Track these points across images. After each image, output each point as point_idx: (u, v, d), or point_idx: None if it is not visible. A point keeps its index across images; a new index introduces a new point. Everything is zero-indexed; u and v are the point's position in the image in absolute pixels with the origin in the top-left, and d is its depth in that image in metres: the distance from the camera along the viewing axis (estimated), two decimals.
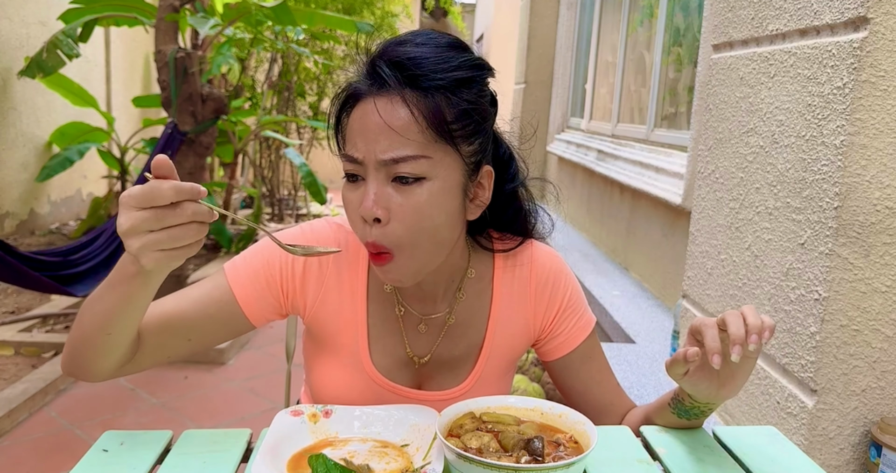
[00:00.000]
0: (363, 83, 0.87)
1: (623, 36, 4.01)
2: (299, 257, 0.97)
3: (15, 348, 3.33)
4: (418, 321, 1.01)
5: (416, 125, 0.83)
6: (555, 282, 1.04)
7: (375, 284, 1.01)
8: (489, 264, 1.04)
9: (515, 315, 1.03)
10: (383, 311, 1.01)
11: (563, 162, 4.97)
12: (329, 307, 0.99)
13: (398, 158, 0.83)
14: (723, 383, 0.86)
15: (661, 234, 2.94)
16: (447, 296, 1.01)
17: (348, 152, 0.86)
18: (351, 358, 1.00)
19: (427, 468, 0.79)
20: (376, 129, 0.83)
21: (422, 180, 0.84)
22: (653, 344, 2.40)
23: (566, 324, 1.04)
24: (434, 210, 0.85)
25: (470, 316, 1.02)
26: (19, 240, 5.11)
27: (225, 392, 3.05)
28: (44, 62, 3.70)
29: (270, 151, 7.16)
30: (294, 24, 3.77)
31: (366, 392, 1.00)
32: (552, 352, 1.06)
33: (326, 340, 1.01)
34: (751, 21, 1.67)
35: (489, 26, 10.33)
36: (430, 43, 0.87)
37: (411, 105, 0.83)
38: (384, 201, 0.84)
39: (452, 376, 1.02)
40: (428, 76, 0.84)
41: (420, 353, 1.01)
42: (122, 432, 0.92)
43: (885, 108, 1.26)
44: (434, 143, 0.84)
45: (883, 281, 1.32)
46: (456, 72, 0.85)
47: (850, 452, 1.38)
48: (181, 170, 3.44)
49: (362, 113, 0.85)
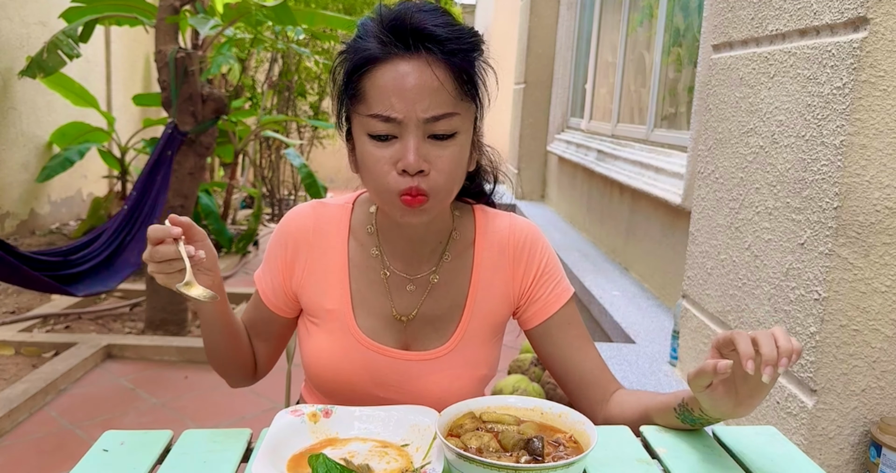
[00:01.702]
0: (381, 48, 0.92)
1: (623, 36, 4.01)
2: (289, 238, 1.08)
3: (15, 348, 3.33)
4: (405, 281, 1.07)
5: (450, 84, 0.92)
6: (531, 248, 1.10)
7: (358, 250, 1.08)
8: (471, 228, 1.11)
9: (496, 279, 1.09)
10: (368, 275, 1.07)
11: (563, 162, 4.97)
12: (314, 277, 1.07)
13: (438, 116, 0.91)
14: (741, 401, 0.84)
15: (660, 234, 2.94)
16: (432, 257, 1.08)
17: (383, 112, 0.91)
18: (338, 323, 1.05)
19: (427, 468, 0.79)
20: (416, 89, 0.90)
21: (454, 135, 0.94)
22: (653, 344, 2.40)
23: (544, 289, 1.09)
24: (463, 160, 0.97)
25: (453, 277, 1.08)
26: (20, 240, 5.11)
27: (225, 392, 3.05)
28: (44, 62, 3.70)
29: (271, 152, 7.17)
30: (294, 24, 3.77)
31: (353, 355, 1.04)
32: (532, 319, 1.09)
33: (315, 310, 1.07)
34: (750, 21, 1.67)
35: (489, 26, 10.33)
36: (436, 12, 0.95)
37: (443, 67, 0.91)
38: (425, 154, 0.92)
39: (437, 335, 1.07)
40: (452, 41, 0.92)
41: (405, 312, 1.06)
42: (123, 432, 0.92)
43: (884, 108, 1.26)
44: (461, 101, 0.94)
45: (882, 281, 1.32)
46: (470, 38, 0.95)
47: (850, 452, 1.38)
48: (181, 170, 3.44)
49: (395, 74, 0.91)
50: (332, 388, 1.06)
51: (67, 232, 5.51)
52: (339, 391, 1.05)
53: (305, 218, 1.09)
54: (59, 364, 3.09)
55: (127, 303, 4.01)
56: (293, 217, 1.10)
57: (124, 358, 3.37)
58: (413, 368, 1.05)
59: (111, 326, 3.75)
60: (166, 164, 3.33)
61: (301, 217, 1.09)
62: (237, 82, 6.29)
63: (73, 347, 3.31)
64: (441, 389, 1.04)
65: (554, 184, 5.39)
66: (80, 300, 3.87)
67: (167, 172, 3.33)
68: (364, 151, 0.95)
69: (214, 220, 5.32)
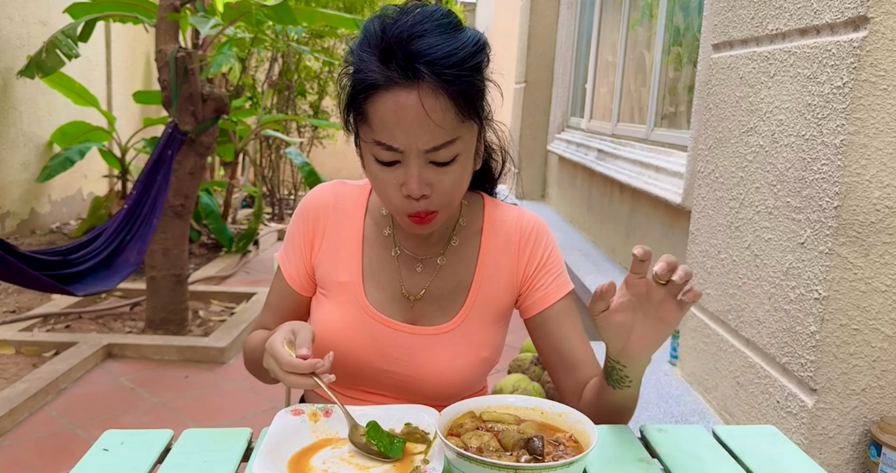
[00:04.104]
0: (384, 74, 0.91)
1: (623, 35, 4.01)
2: (310, 212, 1.13)
3: (16, 347, 3.33)
4: (414, 261, 1.12)
5: (451, 112, 0.92)
6: (537, 238, 1.13)
7: (372, 230, 1.13)
8: (479, 216, 1.15)
9: (501, 264, 1.12)
10: (380, 252, 1.12)
11: (564, 161, 4.97)
12: (331, 250, 1.12)
13: (438, 146, 0.93)
14: (633, 335, 0.86)
15: (661, 233, 2.94)
16: (441, 241, 1.12)
17: (385, 141, 0.93)
18: (348, 296, 1.10)
19: (427, 467, 0.79)
20: (416, 122, 0.91)
21: (456, 157, 0.96)
22: None
23: (545, 279, 1.12)
24: (465, 176, 1.00)
25: (460, 260, 1.12)
26: (20, 239, 5.11)
27: (225, 392, 3.05)
28: (42, 62, 3.69)
29: (271, 151, 7.16)
30: (295, 23, 3.77)
31: (360, 327, 1.08)
32: (532, 308, 1.12)
33: (327, 282, 1.12)
34: (751, 20, 1.67)
35: (489, 26, 10.33)
36: (439, 29, 0.93)
37: (444, 96, 0.91)
38: (427, 179, 0.95)
39: (443, 313, 1.10)
40: (453, 67, 0.91)
41: (413, 291, 1.11)
42: (123, 431, 0.92)
43: (884, 107, 1.26)
44: (462, 123, 0.95)
45: (882, 280, 1.32)
46: (473, 58, 0.94)
47: (850, 451, 1.38)
48: (182, 169, 3.44)
49: (396, 105, 0.91)
50: (338, 361, 1.07)
51: (68, 232, 5.51)
52: (344, 364, 1.07)
53: (326, 194, 1.14)
54: (59, 364, 3.09)
55: (127, 302, 4.01)
56: (315, 193, 1.15)
57: (125, 358, 3.37)
58: (418, 342, 1.08)
59: (111, 325, 3.75)
60: (167, 163, 3.33)
61: (322, 193, 1.15)
62: (237, 82, 6.28)
63: (74, 346, 3.31)
64: (444, 365, 1.07)
65: (554, 183, 5.39)
66: (80, 300, 3.87)
67: (167, 171, 3.33)
68: (371, 169, 0.99)
69: (215, 219, 5.32)
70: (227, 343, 3.41)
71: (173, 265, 3.50)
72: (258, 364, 1.11)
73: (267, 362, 0.92)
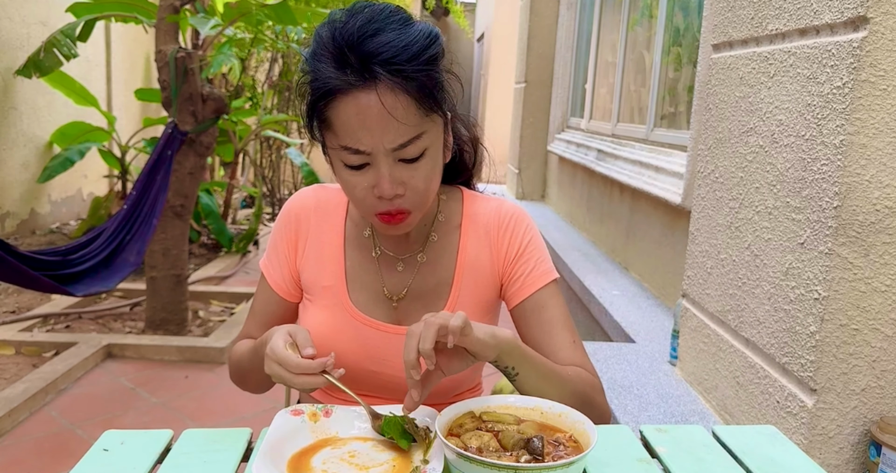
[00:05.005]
0: (341, 79, 0.90)
1: (623, 36, 4.01)
2: (292, 217, 1.14)
3: (15, 347, 3.33)
4: (394, 260, 1.11)
5: (413, 108, 0.91)
6: (515, 225, 1.12)
7: (353, 231, 1.13)
8: (458, 211, 1.14)
9: (481, 256, 1.11)
10: (361, 254, 1.12)
11: (564, 162, 4.97)
12: (314, 254, 1.12)
13: (405, 143, 0.92)
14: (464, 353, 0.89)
15: (660, 233, 2.94)
16: (419, 238, 1.12)
17: (352, 145, 0.93)
18: (333, 299, 1.10)
19: (427, 467, 0.79)
20: (379, 122, 0.90)
21: (424, 152, 0.95)
22: (653, 344, 2.40)
23: (524, 267, 1.10)
24: (436, 171, 0.99)
25: (439, 256, 1.12)
26: (20, 240, 5.11)
27: (225, 392, 3.05)
28: (41, 62, 3.69)
29: (271, 151, 7.16)
30: (295, 23, 3.77)
31: (346, 330, 1.08)
32: (512, 298, 1.11)
33: (312, 287, 1.12)
34: (750, 21, 1.67)
35: (489, 26, 10.33)
36: (389, 26, 0.92)
37: (403, 93, 0.90)
38: (398, 178, 0.95)
39: (427, 311, 1.07)
40: (409, 62, 0.90)
41: (395, 291, 1.11)
42: (123, 431, 0.92)
43: (884, 107, 1.26)
44: (426, 117, 0.94)
45: (882, 280, 1.32)
46: (428, 51, 0.92)
47: (850, 451, 1.38)
48: (181, 170, 3.44)
49: (357, 108, 0.90)
50: None
51: (68, 232, 5.51)
52: (334, 367, 1.06)
53: (307, 199, 1.15)
54: (59, 364, 3.09)
55: (127, 303, 4.01)
56: (296, 199, 1.16)
57: (124, 358, 3.37)
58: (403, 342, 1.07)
59: (111, 325, 3.75)
60: (166, 163, 3.33)
61: (303, 198, 1.15)
62: (237, 82, 6.28)
63: (74, 346, 3.31)
64: None
65: (554, 183, 5.39)
66: (80, 300, 3.87)
67: (167, 171, 3.33)
68: (341, 175, 0.99)
69: (215, 219, 5.32)
70: (227, 343, 3.41)
71: (173, 266, 3.50)
72: (245, 374, 1.12)
73: (270, 368, 0.91)
